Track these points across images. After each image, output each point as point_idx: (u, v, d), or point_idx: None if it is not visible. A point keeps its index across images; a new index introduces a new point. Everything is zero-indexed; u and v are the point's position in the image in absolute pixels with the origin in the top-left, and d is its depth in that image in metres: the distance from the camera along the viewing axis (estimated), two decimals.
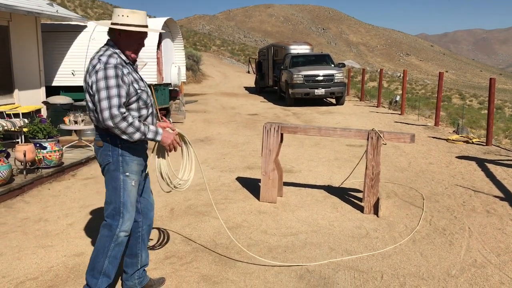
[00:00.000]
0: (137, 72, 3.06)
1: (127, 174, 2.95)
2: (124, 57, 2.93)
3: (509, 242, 4.17)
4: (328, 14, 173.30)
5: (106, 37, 3.00)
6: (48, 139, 6.33)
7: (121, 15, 2.91)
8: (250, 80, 28.01)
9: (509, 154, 8.07)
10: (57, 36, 10.78)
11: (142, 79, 3.06)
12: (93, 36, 10.64)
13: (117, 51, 2.91)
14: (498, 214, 4.92)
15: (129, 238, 3.11)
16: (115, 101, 2.75)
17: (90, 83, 2.83)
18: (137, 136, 2.81)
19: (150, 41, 10.01)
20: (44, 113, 9.30)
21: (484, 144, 8.98)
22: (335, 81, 15.63)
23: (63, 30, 11.00)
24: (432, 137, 9.90)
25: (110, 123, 2.75)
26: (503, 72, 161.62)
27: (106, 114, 2.73)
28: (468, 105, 31.10)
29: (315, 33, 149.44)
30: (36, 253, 3.96)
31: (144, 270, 3.28)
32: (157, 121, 3.20)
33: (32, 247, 4.08)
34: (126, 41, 2.94)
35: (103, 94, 2.75)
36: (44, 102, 9.50)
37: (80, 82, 10.64)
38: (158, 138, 2.92)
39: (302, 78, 15.52)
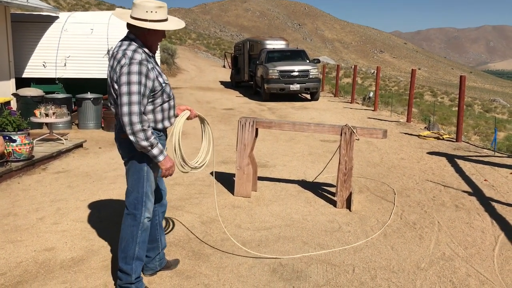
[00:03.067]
0: (158, 65, 3.08)
1: (151, 165, 3.02)
2: (147, 51, 2.93)
3: (476, 235, 4.29)
4: (304, 10, 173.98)
5: (78, 29, 2.97)
6: (18, 132, 6.19)
7: (150, 11, 2.86)
8: (226, 74, 27.92)
9: (478, 150, 8.28)
10: (27, 27, 10.51)
11: (163, 72, 3.08)
12: (65, 27, 10.41)
13: (139, 44, 2.90)
14: (466, 208, 5.06)
15: None
16: (135, 108, 2.76)
17: (115, 79, 2.83)
18: (144, 144, 2.80)
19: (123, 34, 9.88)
20: (13, 105, 9.08)
21: (454, 140, 9.18)
22: (310, 77, 15.72)
23: (34, 20, 10.74)
24: (404, 133, 10.08)
25: (127, 128, 2.78)
26: (473, 70, 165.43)
27: (126, 119, 2.77)
28: (439, 102, 31.73)
29: (291, 29, 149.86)
30: (5, 248, 3.87)
31: (163, 252, 3.45)
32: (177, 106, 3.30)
33: (0, 242, 3.99)
34: (153, 37, 2.94)
35: (125, 99, 2.75)
36: (14, 94, 9.28)
37: (51, 74, 10.44)
38: (161, 158, 2.90)
39: (277, 74, 15.56)
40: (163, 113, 3.03)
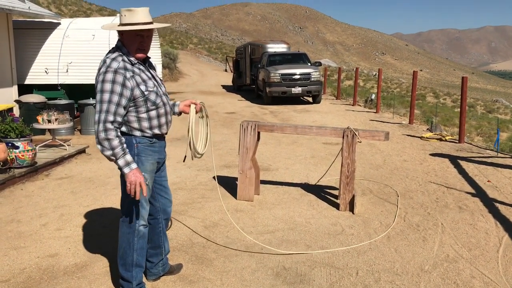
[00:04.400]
0: (150, 71, 3.04)
1: (144, 174, 2.98)
2: (131, 58, 2.91)
3: (480, 237, 4.28)
4: (305, 13, 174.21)
5: (80, 35, 3.00)
6: (21, 139, 6.21)
7: (123, 15, 2.90)
8: (228, 78, 27.95)
9: (481, 151, 8.26)
10: (29, 34, 10.57)
11: (153, 78, 3.03)
12: (67, 34, 10.46)
13: (124, 52, 2.91)
14: (469, 210, 5.04)
15: (151, 233, 3.27)
16: (103, 116, 2.77)
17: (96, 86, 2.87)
18: (107, 153, 2.79)
19: None
20: (16, 112, 9.12)
21: (457, 141, 9.16)
22: (312, 79, 15.73)
23: (36, 27, 10.80)
24: (407, 135, 10.06)
25: (96, 138, 2.80)
26: (475, 71, 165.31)
27: (95, 127, 2.80)
28: (441, 104, 31.70)
29: (292, 32, 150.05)
30: (8, 255, 3.88)
31: (166, 257, 3.46)
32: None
33: (4, 249, 4.00)
34: (127, 41, 2.93)
35: (97, 107, 2.81)
36: (17, 101, 9.31)
37: (54, 80, 10.49)
38: (126, 170, 2.81)
39: (279, 77, 15.57)
40: (151, 121, 2.97)
